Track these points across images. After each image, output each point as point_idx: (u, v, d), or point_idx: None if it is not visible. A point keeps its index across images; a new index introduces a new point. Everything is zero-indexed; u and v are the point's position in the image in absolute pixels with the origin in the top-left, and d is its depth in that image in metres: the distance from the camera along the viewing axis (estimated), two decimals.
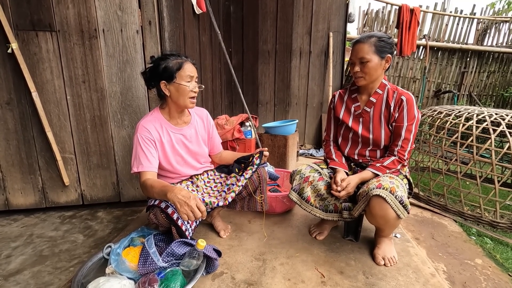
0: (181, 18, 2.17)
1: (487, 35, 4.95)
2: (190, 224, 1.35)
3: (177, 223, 1.26)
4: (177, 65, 1.37)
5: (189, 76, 1.38)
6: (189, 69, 1.38)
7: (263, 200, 1.58)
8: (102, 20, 1.81)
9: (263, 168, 1.59)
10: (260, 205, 1.59)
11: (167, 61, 1.37)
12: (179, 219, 1.27)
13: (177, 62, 1.37)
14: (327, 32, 3.68)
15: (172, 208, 1.26)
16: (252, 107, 3.93)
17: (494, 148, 2.01)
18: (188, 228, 1.33)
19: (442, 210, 2.22)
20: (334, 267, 1.41)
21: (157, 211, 1.28)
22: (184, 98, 1.39)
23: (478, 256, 1.67)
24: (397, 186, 1.32)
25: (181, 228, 1.28)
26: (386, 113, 1.49)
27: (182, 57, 1.42)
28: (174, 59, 1.38)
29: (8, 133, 1.87)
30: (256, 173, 1.54)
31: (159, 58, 1.40)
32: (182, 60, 1.39)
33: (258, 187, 1.56)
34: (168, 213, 1.25)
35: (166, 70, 1.36)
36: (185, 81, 1.37)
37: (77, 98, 1.90)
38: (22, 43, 1.75)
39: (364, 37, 1.42)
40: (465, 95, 5.05)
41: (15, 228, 1.83)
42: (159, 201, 1.27)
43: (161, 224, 1.34)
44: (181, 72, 1.36)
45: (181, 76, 1.36)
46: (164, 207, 1.25)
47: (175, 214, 1.26)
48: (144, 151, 1.36)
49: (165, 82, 1.38)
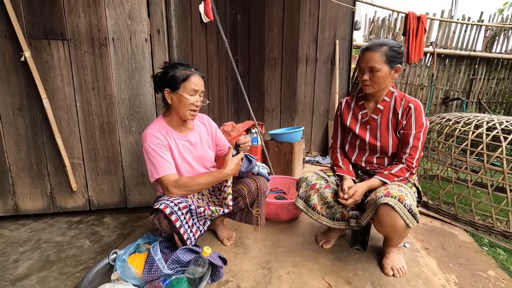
0: (189, 26, 2.21)
1: (496, 42, 4.90)
2: (193, 232, 1.34)
3: (179, 231, 1.26)
4: (184, 75, 1.37)
5: (193, 90, 1.38)
6: (194, 82, 1.38)
7: (259, 214, 1.55)
8: (112, 28, 1.85)
9: (263, 180, 1.56)
10: (256, 220, 1.56)
11: (175, 70, 1.38)
12: (181, 227, 1.27)
13: (184, 73, 1.38)
14: (333, 40, 3.69)
15: (176, 216, 1.25)
16: (258, 114, 3.93)
17: (505, 156, 1.97)
18: (191, 236, 1.32)
19: (452, 219, 2.17)
20: (342, 277, 1.38)
21: (161, 216, 1.27)
22: (184, 110, 1.39)
23: (491, 267, 1.62)
24: (405, 194, 1.30)
25: (183, 236, 1.27)
26: (394, 121, 1.47)
27: (192, 69, 1.42)
28: (182, 70, 1.39)
29: (19, 139, 1.90)
30: (255, 185, 1.52)
31: (169, 66, 1.42)
32: (190, 72, 1.39)
33: (255, 200, 1.54)
34: (171, 220, 1.24)
35: (172, 79, 1.37)
36: (188, 94, 1.37)
37: (86, 105, 1.93)
38: (35, 51, 1.80)
39: (375, 45, 1.39)
40: (474, 102, 4.98)
41: (23, 232, 1.85)
42: (165, 206, 1.25)
43: (163, 230, 1.32)
44: (186, 83, 1.37)
45: (185, 87, 1.37)
46: (169, 213, 1.24)
47: (178, 222, 1.25)
48: (162, 155, 1.37)
49: (168, 90, 1.39)
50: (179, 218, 1.26)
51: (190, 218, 1.34)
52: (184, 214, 1.30)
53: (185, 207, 1.29)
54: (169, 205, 1.25)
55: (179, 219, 1.26)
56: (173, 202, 1.28)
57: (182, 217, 1.28)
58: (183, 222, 1.28)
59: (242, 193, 1.50)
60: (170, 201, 1.27)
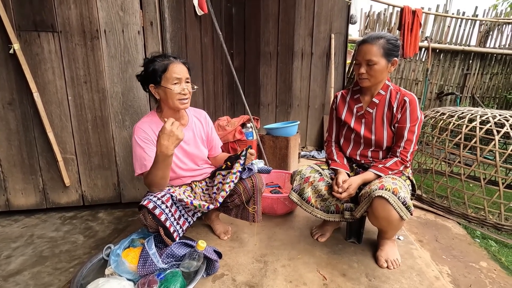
0: (183, 19, 2.17)
1: (490, 37, 4.93)
2: (180, 224, 1.33)
3: (165, 224, 1.25)
4: (162, 67, 1.31)
5: (175, 78, 1.31)
6: (175, 70, 1.32)
7: (255, 211, 1.53)
8: (104, 21, 1.81)
9: (258, 177, 1.53)
10: (252, 217, 1.54)
11: (154, 63, 1.32)
12: (167, 220, 1.26)
13: (162, 64, 1.31)
14: (329, 34, 3.68)
15: (160, 209, 1.24)
16: (253, 109, 3.92)
17: (498, 150, 1.99)
18: (178, 229, 1.31)
19: (446, 212, 2.20)
20: (337, 269, 1.39)
21: (145, 212, 1.25)
22: (173, 101, 1.33)
23: (483, 259, 1.64)
24: (400, 187, 1.31)
25: (169, 229, 1.26)
26: (389, 114, 1.47)
27: (170, 57, 1.35)
28: (160, 61, 1.32)
29: (10, 134, 1.87)
30: (251, 182, 1.49)
31: (148, 61, 1.36)
32: (168, 61, 1.32)
33: (251, 197, 1.52)
34: (155, 214, 1.23)
35: (153, 73, 1.31)
36: (171, 83, 1.31)
37: (78, 99, 1.90)
38: (24, 43, 1.76)
39: (372, 37, 1.37)
40: (468, 97, 5.02)
41: (15, 228, 1.83)
42: (148, 201, 1.23)
43: (149, 225, 1.29)
44: (166, 74, 1.31)
45: (167, 78, 1.31)
46: (152, 208, 1.22)
47: (163, 215, 1.24)
48: (146, 151, 1.34)
49: (153, 86, 1.35)
50: (164, 211, 1.25)
51: (177, 211, 1.33)
52: (169, 207, 1.29)
53: (168, 200, 1.28)
54: (152, 199, 1.24)
55: (163, 213, 1.25)
56: (156, 196, 1.27)
57: (167, 210, 1.27)
58: (169, 215, 1.28)
59: (237, 191, 1.48)
60: (153, 196, 1.27)
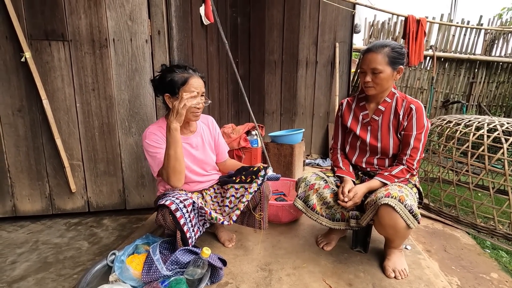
0: (189, 28, 2.21)
1: (495, 46, 4.92)
2: (195, 232, 1.33)
3: (183, 228, 1.26)
4: (182, 79, 1.34)
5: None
6: (193, 85, 1.35)
7: (262, 218, 1.53)
8: (113, 30, 1.85)
9: (266, 184, 1.53)
10: (258, 224, 1.54)
11: (173, 74, 1.34)
12: (185, 224, 1.26)
13: (182, 77, 1.34)
14: (333, 43, 3.70)
15: (181, 212, 1.25)
16: (258, 117, 3.93)
17: (507, 158, 1.95)
18: (192, 236, 1.31)
19: (454, 221, 2.15)
20: (343, 279, 1.37)
21: (166, 212, 1.27)
22: (187, 113, 1.36)
23: (494, 270, 1.60)
24: (406, 195, 1.29)
25: (186, 234, 1.27)
26: (395, 122, 1.46)
27: (189, 70, 1.38)
28: (180, 73, 1.35)
29: (18, 140, 1.90)
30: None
31: (167, 69, 1.39)
32: (188, 74, 1.35)
33: (258, 204, 1.52)
34: (176, 216, 1.24)
35: (170, 83, 1.34)
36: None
37: (86, 106, 1.93)
38: (35, 52, 1.80)
39: (377, 46, 1.37)
40: (474, 105, 4.98)
41: (21, 234, 1.83)
42: (170, 202, 1.25)
43: (167, 226, 1.31)
44: (185, 87, 1.33)
45: (185, 91, 1.33)
46: (174, 210, 1.24)
47: (183, 219, 1.26)
48: (159, 148, 1.36)
49: (168, 95, 1.37)
50: (184, 215, 1.27)
51: (194, 217, 1.34)
52: (189, 212, 1.30)
53: (190, 205, 1.30)
54: (175, 201, 1.26)
55: (183, 216, 1.26)
56: (179, 199, 1.28)
57: (186, 215, 1.28)
58: (187, 220, 1.28)
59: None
60: (175, 198, 1.27)
